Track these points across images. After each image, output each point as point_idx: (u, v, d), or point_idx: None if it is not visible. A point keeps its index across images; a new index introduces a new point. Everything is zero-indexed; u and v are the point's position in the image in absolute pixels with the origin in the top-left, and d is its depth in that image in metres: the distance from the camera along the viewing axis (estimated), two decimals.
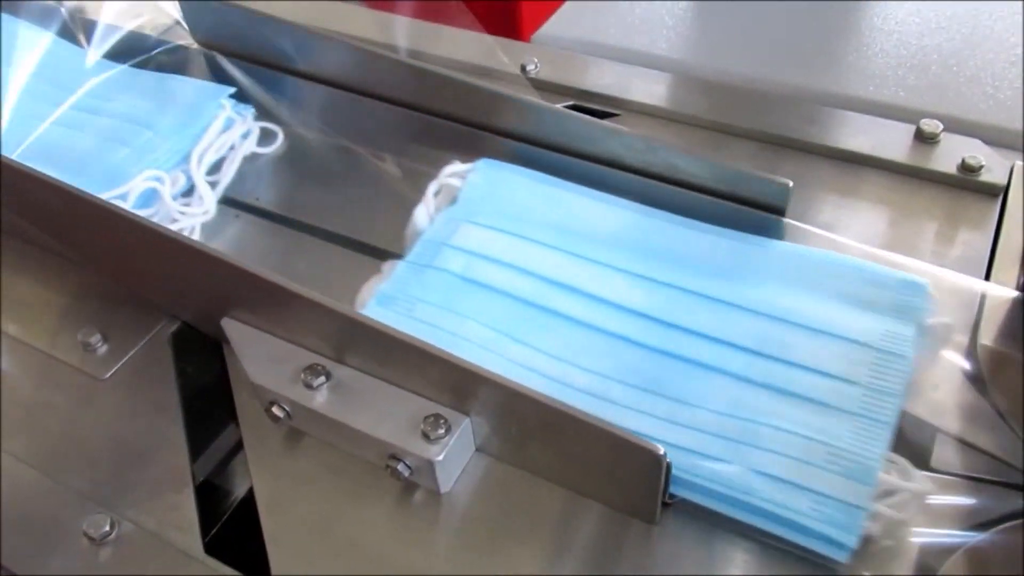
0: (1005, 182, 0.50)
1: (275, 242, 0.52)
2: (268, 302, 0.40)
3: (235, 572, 0.37)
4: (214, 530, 0.40)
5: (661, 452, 0.33)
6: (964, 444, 0.39)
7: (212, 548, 0.38)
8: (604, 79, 0.61)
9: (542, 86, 0.61)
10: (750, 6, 0.75)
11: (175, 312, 0.47)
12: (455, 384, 0.37)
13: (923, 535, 0.35)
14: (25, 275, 0.51)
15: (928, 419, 0.40)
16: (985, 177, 0.51)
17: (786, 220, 0.46)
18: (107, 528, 0.38)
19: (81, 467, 0.41)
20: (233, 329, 0.43)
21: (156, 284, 0.47)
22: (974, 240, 0.48)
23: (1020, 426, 0.39)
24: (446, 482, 0.39)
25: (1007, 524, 0.25)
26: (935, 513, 0.36)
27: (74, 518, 0.38)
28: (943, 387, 0.41)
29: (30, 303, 0.49)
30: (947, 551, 0.35)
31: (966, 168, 0.51)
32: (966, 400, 0.40)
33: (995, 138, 0.55)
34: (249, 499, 0.40)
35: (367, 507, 0.39)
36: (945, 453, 0.39)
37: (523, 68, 0.62)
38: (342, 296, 0.45)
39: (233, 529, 0.41)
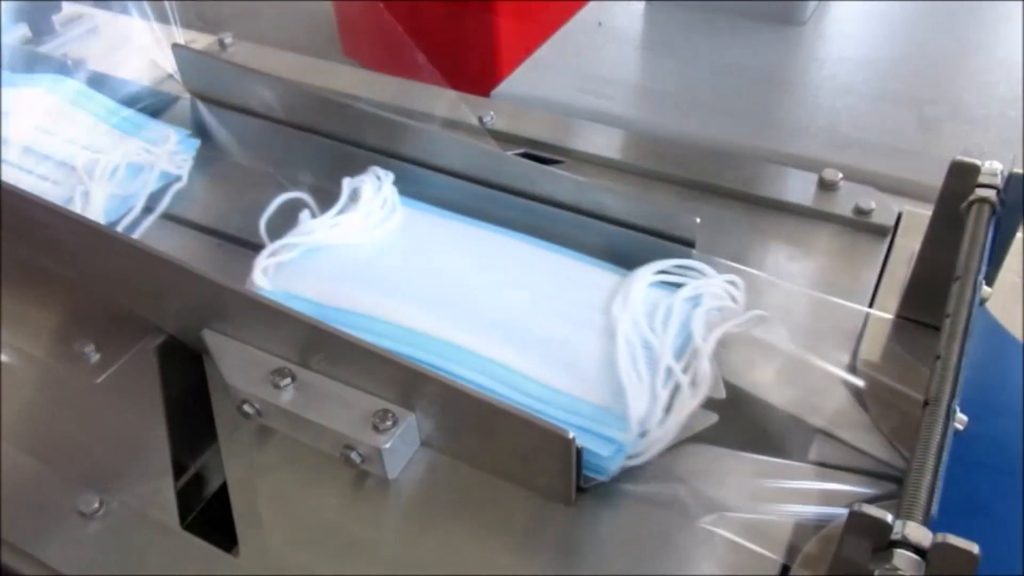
0: (892, 224, 0.58)
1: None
2: (243, 313, 0.47)
3: (206, 544, 0.42)
4: (193, 513, 0.46)
5: (570, 437, 0.40)
6: (838, 441, 0.45)
7: (190, 529, 0.44)
8: (551, 131, 0.69)
9: (497, 136, 0.69)
10: (683, 70, 0.84)
11: (161, 325, 0.53)
12: (401, 383, 0.44)
13: (794, 515, 0.42)
14: (25, 292, 0.57)
15: (809, 420, 0.46)
16: (875, 219, 0.58)
17: (695, 252, 0.53)
18: (96, 506, 0.43)
19: (74, 457, 0.47)
20: (212, 338, 0.49)
21: (145, 300, 0.53)
22: (862, 273, 0.55)
23: (886, 427, 0.46)
24: (393, 469, 0.45)
25: (858, 503, 0.31)
26: (806, 497, 0.43)
27: (67, 497, 0.44)
28: (824, 394, 0.48)
29: (30, 317, 0.55)
30: (814, 530, 0.41)
31: (859, 211, 0.58)
32: (844, 405, 0.47)
33: (891, 186, 0.63)
34: (223, 489, 0.46)
35: (325, 491, 0.45)
36: (823, 448, 0.45)
37: (480, 119, 0.70)
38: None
39: (210, 513, 0.47)
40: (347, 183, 0.58)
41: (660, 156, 0.65)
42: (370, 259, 0.55)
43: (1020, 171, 0.43)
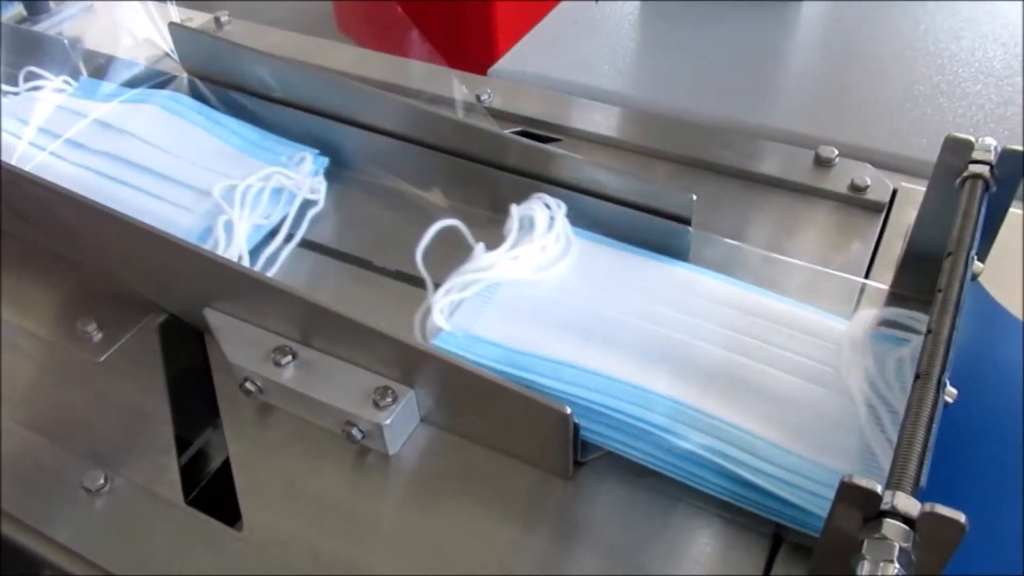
0: (887, 200, 0.58)
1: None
2: (245, 292, 0.47)
3: (210, 518, 0.43)
4: (196, 489, 0.47)
5: (568, 412, 0.40)
6: None
7: (194, 504, 0.44)
8: (549, 109, 0.69)
9: (495, 114, 0.69)
10: (681, 47, 0.84)
11: (163, 304, 0.54)
12: (401, 361, 0.44)
13: None
14: (27, 272, 0.57)
15: None
16: (870, 196, 0.58)
17: (693, 229, 0.53)
18: (102, 482, 0.44)
19: (79, 433, 0.47)
20: (214, 317, 0.49)
21: (147, 279, 0.53)
22: (858, 248, 0.56)
23: None
24: (394, 445, 0.45)
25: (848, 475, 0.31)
26: None
27: (73, 474, 0.45)
28: None
29: (32, 297, 0.56)
30: None
31: (854, 188, 0.59)
32: None
33: (887, 163, 0.64)
34: (226, 465, 0.47)
35: (326, 467, 0.45)
36: None
37: (478, 98, 0.70)
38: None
39: (212, 489, 0.48)
40: (516, 211, 0.53)
41: (657, 134, 0.66)
42: (553, 297, 0.50)
43: (1013, 147, 0.43)
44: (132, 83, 0.71)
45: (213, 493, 0.48)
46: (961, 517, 0.28)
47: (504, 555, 0.41)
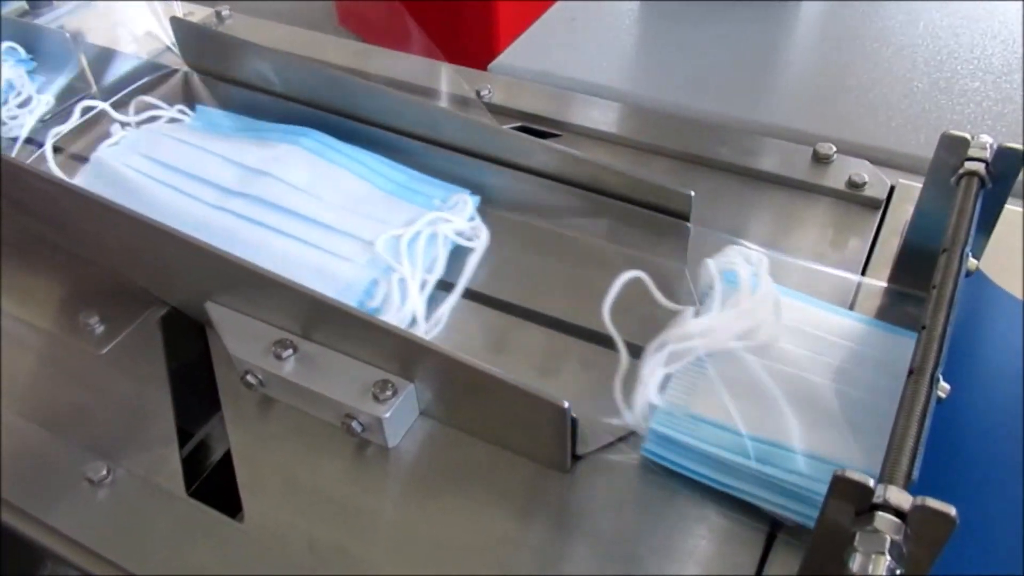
0: (884, 196, 0.59)
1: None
2: (246, 285, 0.48)
3: (211, 509, 0.44)
4: (198, 481, 0.47)
5: (565, 406, 0.41)
6: None
7: (195, 496, 0.45)
8: (549, 105, 0.69)
9: (495, 110, 0.69)
10: (680, 44, 0.84)
11: (165, 298, 0.54)
12: (400, 354, 0.45)
13: None
14: (29, 266, 0.58)
15: None
16: (868, 192, 0.59)
17: (691, 225, 0.54)
18: (104, 472, 0.45)
19: (81, 425, 0.48)
20: (215, 311, 0.50)
21: (149, 273, 0.54)
22: (855, 244, 0.56)
23: None
24: (393, 438, 0.46)
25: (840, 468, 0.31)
26: None
27: (76, 464, 0.45)
28: None
29: (35, 290, 0.56)
30: None
31: (852, 184, 0.59)
32: None
33: (884, 159, 0.64)
34: (227, 457, 0.47)
35: (326, 460, 0.46)
36: None
37: (478, 93, 0.70)
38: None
39: (213, 481, 0.48)
40: (714, 266, 0.49)
41: (656, 130, 0.66)
42: (766, 367, 0.44)
43: (1009, 144, 0.43)
44: (134, 77, 0.72)
45: (214, 485, 0.48)
46: (952, 511, 0.28)
47: (502, 547, 0.42)
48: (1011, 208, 0.57)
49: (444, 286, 0.53)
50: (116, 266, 0.56)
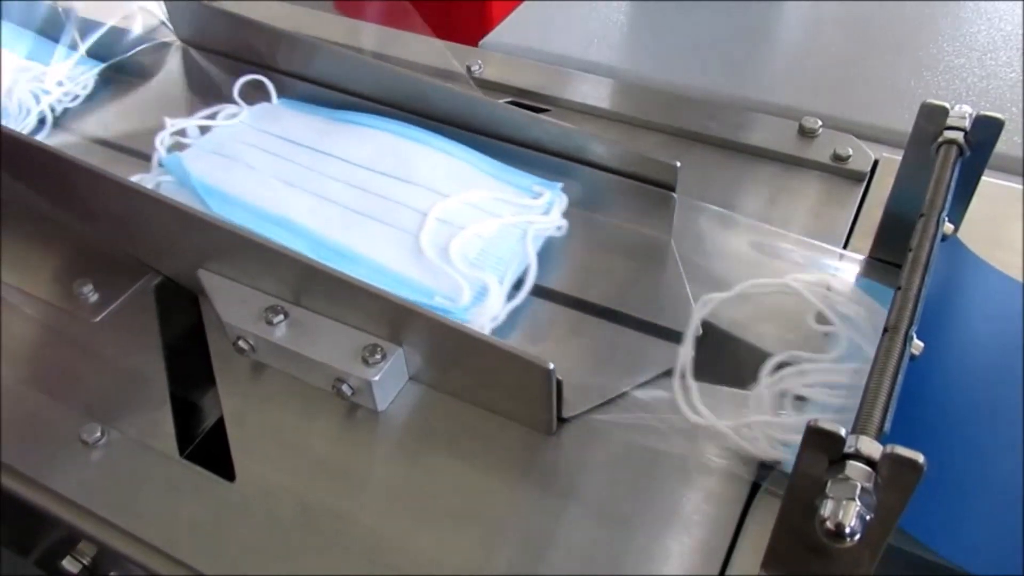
0: (868, 169, 0.60)
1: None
2: (237, 252, 0.48)
3: (202, 470, 0.45)
4: (191, 446, 0.48)
5: (550, 367, 0.42)
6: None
7: (191, 459, 0.46)
8: (539, 80, 0.70)
9: (485, 85, 0.70)
10: (670, 21, 0.85)
11: (158, 267, 0.55)
12: (389, 319, 0.46)
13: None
14: (24, 236, 0.58)
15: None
16: (852, 165, 0.60)
17: (678, 195, 0.54)
18: (99, 434, 0.45)
19: (76, 390, 0.49)
20: (207, 278, 0.50)
21: (141, 242, 0.54)
22: (838, 216, 0.57)
23: None
24: (383, 401, 0.47)
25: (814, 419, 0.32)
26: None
27: (71, 427, 0.46)
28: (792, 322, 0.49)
29: (29, 260, 0.57)
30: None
31: (837, 157, 0.60)
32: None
33: (870, 134, 0.65)
34: (221, 423, 0.48)
35: (317, 423, 0.47)
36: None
37: (468, 69, 0.70)
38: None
39: (206, 447, 0.49)
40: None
41: (645, 105, 0.66)
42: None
43: (988, 113, 0.44)
44: (125, 49, 0.72)
45: (208, 452, 0.49)
46: (920, 457, 0.29)
47: (489, 507, 0.42)
48: (1012, 185, 0.58)
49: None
50: (109, 236, 0.56)
